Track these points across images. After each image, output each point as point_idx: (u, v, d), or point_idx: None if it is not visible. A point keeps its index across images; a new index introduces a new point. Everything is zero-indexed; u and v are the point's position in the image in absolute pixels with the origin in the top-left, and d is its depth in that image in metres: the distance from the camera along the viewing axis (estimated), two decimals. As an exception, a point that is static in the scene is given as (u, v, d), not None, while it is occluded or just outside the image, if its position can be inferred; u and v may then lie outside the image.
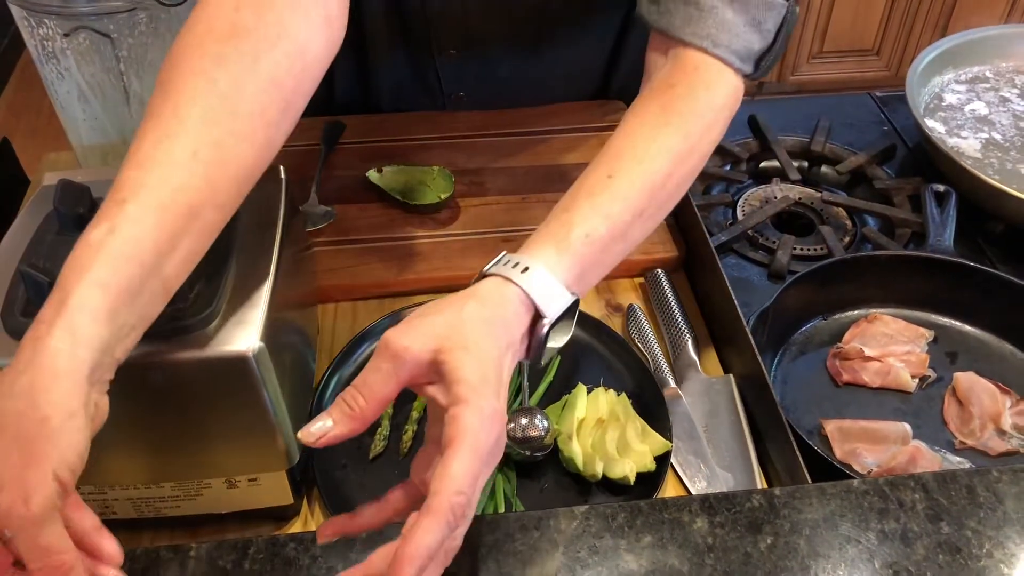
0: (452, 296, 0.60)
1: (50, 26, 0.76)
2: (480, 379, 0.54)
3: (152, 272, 0.55)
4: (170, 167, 0.56)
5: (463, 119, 1.19)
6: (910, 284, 0.97)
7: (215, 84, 0.58)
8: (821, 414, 0.88)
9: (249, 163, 0.62)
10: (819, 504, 0.62)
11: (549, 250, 0.63)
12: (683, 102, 0.70)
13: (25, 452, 0.49)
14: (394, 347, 0.55)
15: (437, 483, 0.51)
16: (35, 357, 0.51)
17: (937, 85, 1.23)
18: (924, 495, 0.62)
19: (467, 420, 0.52)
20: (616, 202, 0.65)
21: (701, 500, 0.62)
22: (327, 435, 0.56)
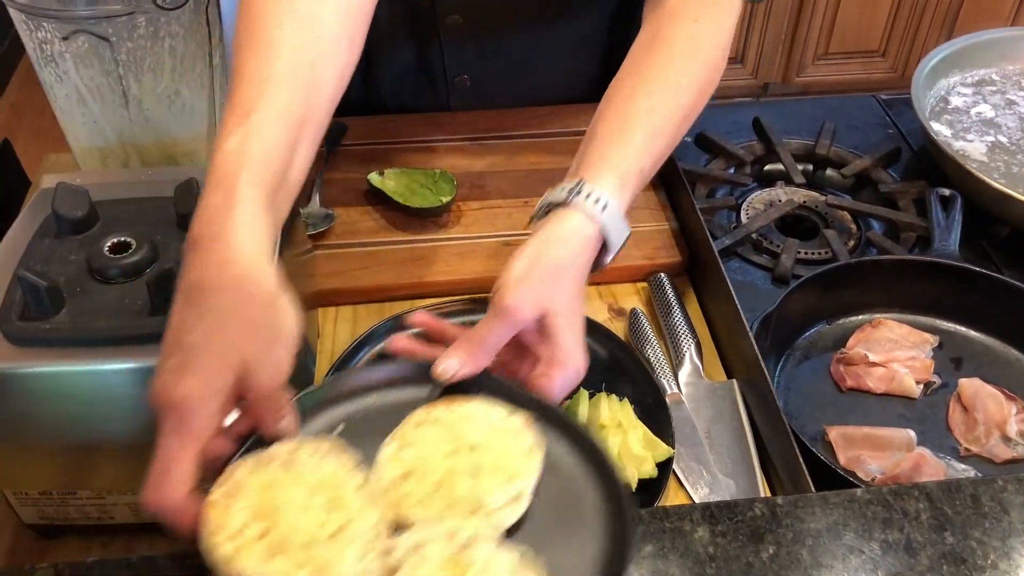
0: (546, 239, 0.68)
1: (48, 29, 0.75)
2: (574, 343, 0.65)
3: (282, 177, 0.62)
4: (277, 83, 0.62)
5: (465, 121, 1.18)
6: (915, 289, 0.96)
7: (296, 13, 0.65)
8: (825, 420, 0.87)
9: (334, 87, 0.68)
10: (822, 513, 0.61)
11: (614, 183, 0.70)
12: (707, 37, 0.77)
13: (266, 332, 0.56)
14: (506, 307, 0.64)
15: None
16: (232, 251, 0.56)
17: (943, 88, 1.22)
18: (928, 504, 0.61)
19: (558, 380, 0.63)
20: (659, 138, 0.73)
21: (703, 509, 0.61)
22: (455, 375, 0.63)
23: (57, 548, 0.76)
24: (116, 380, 0.65)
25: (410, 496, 0.57)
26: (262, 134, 0.60)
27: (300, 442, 0.58)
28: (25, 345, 0.64)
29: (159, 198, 0.74)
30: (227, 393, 0.54)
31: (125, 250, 0.68)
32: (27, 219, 0.74)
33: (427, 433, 0.60)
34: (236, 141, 0.59)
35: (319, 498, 0.55)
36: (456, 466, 0.58)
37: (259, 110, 0.60)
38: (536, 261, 0.66)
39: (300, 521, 0.53)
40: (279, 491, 0.55)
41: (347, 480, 0.56)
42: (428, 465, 0.58)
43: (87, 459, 0.70)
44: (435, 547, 0.53)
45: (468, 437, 0.60)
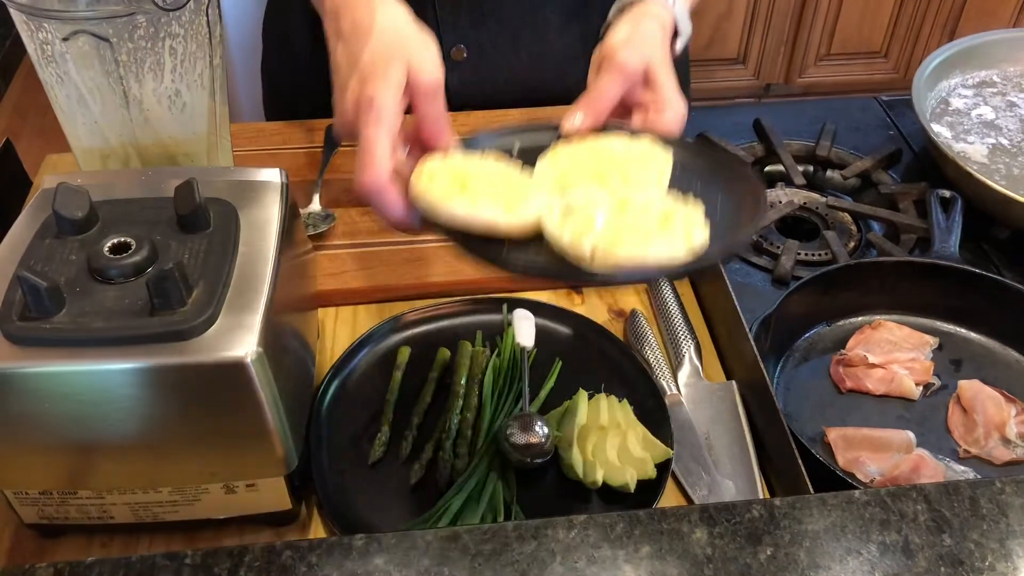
0: (637, 15, 0.80)
1: (49, 30, 0.76)
2: (675, 87, 0.76)
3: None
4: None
5: (466, 122, 1.18)
6: (915, 290, 0.96)
7: None
8: (824, 422, 0.87)
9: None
10: (820, 515, 0.61)
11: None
12: None
13: (418, 42, 0.72)
14: (619, 63, 0.74)
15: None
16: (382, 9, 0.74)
17: (944, 89, 1.22)
18: (926, 506, 0.61)
19: (668, 117, 0.75)
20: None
21: (700, 510, 0.61)
22: (581, 126, 0.74)
23: (57, 547, 0.76)
24: (116, 380, 0.65)
25: (575, 178, 0.69)
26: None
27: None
28: (25, 345, 0.64)
29: (159, 198, 0.74)
30: (403, 86, 0.69)
31: (125, 250, 0.68)
32: (28, 219, 0.74)
33: (574, 149, 0.72)
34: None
35: (502, 174, 0.70)
36: (605, 164, 0.70)
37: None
38: (636, 28, 0.78)
39: (491, 183, 0.68)
40: (470, 168, 0.69)
41: (518, 172, 0.70)
42: (582, 163, 0.70)
43: (87, 459, 0.70)
44: (603, 196, 0.66)
45: (608, 148, 0.71)
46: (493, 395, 0.85)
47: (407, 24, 0.74)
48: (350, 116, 0.71)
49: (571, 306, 0.96)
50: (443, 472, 0.79)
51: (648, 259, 0.61)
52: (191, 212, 0.71)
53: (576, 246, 0.61)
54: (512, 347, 0.89)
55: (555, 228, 0.63)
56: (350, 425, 0.84)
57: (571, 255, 0.62)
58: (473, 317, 0.94)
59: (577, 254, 0.61)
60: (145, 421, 0.67)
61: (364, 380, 0.88)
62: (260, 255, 0.72)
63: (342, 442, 0.83)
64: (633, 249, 0.60)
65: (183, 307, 0.66)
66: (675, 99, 0.75)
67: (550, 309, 0.93)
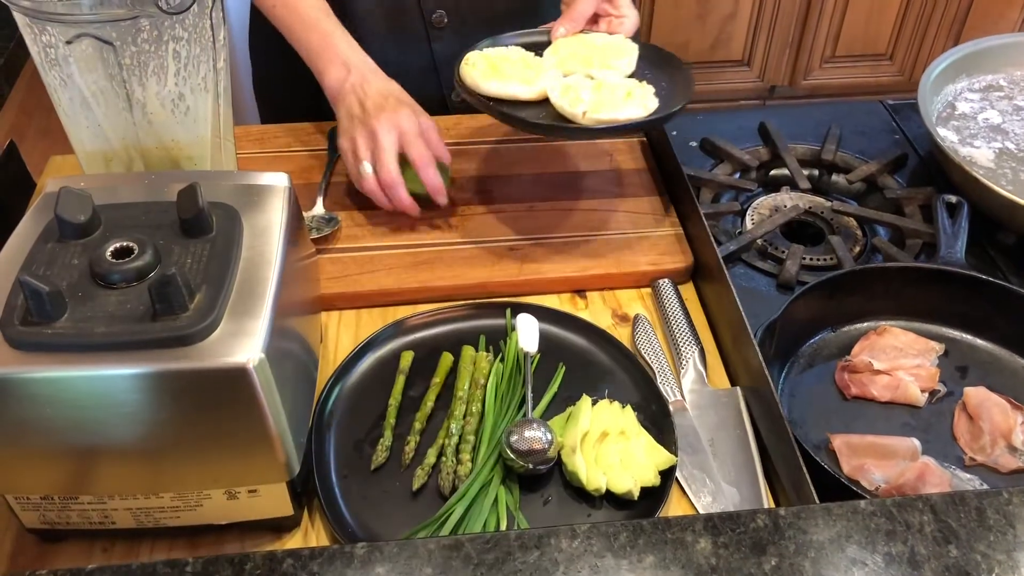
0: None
1: (52, 33, 0.75)
2: (629, 2, 1.07)
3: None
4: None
5: (470, 125, 1.18)
6: (921, 296, 0.95)
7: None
8: (829, 428, 0.86)
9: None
10: (825, 525, 0.61)
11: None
12: None
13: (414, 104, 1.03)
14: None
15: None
16: (354, 63, 1.03)
17: (950, 93, 1.21)
18: (932, 517, 0.61)
19: (626, 27, 1.05)
20: None
21: (705, 520, 0.61)
22: (566, 33, 1.04)
23: (58, 552, 0.76)
24: (118, 385, 0.65)
25: (570, 63, 1.00)
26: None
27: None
28: (27, 350, 0.64)
29: (162, 202, 0.74)
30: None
31: (127, 255, 0.68)
32: (30, 223, 0.74)
33: (569, 42, 1.04)
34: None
35: (521, 60, 0.99)
36: (589, 52, 1.01)
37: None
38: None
39: (514, 66, 0.98)
40: (498, 57, 0.99)
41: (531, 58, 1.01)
42: (574, 52, 1.01)
43: (89, 464, 0.70)
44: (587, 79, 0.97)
45: (593, 41, 1.03)
46: (496, 400, 0.85)
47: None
48: (376, 124, 0.98)
49: (575, 311, 0.95)
50: (446, 478, 0.79)
51: (619, 117, 0.91)
52: (194, 216, 0.70)
53: (572, 111, 0.92)
54: (515, 352, 0.88)
55: (558, 99, 0.93)
56: (353, 430, 0.84)
57: (568, 116, 0.92)
58: (476, 321, 0.93)
59: (572, 115, 0.92)
60: (147, 426, 0.67)
61: (367, 384, 0.88)
62: (263, 260, 0.72)
63: (344, 447, 0.82)
64: (609, 112, 0.91)
65: (185, 312, 0.65)
66: (629, 12, 1.05)
67: (554, 314, 0.93)
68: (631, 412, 0.83)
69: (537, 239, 1.02)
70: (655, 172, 1.12)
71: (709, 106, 2.58)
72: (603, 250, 1.01)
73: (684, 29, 2.49)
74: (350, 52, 1.03)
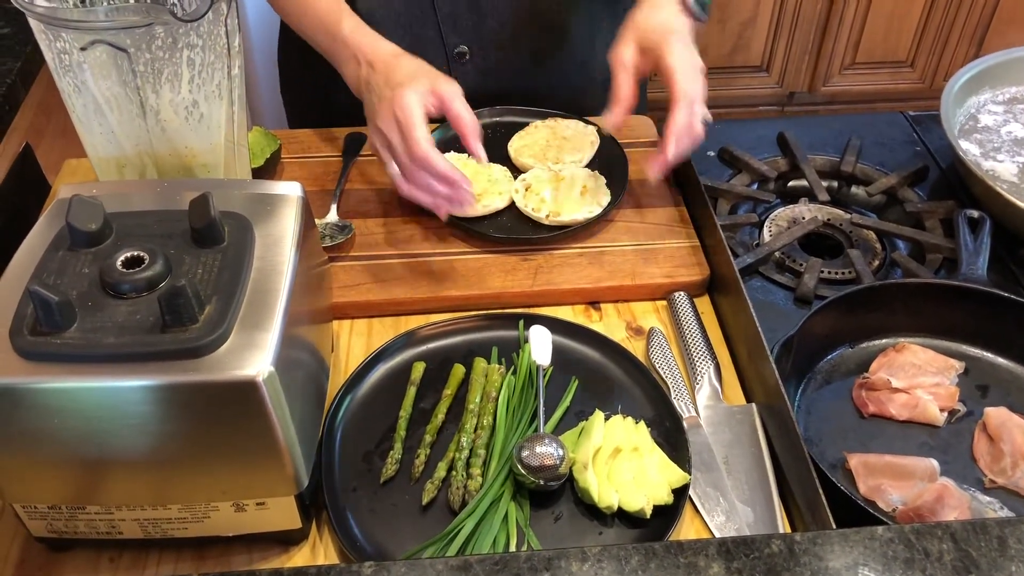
0: (628, 14, 0.99)
1: (67, 39, 0.75)
2: (665, 33, 0.97)
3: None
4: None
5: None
6: (941, 313, 0.94)
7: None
8: (845, 447, 0.85)
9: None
10: (841, 551, 0.60)
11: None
12: None
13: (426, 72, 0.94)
14: (617, 61, 0.97)
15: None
16: (365, 53, 0.98)
17: (973, 106, 1.19)
18: (952, 545, 0.60)
19: (671, 59, 0.95)
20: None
21: (719, 544, 0.60)
22: (616, 122, 0.97)
23: (65, 561, 0.75)
24: (126, 397, 0.64)
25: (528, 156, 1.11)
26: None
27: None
28: (36, 360, 0.64)
29: (174, 211, 0.73)
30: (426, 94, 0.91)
31: (138, 264, 0.67)
32: (42, 230, 0.73)
33: (530, 134, 1.14)
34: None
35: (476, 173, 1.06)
36: (553, 148, 1.11)
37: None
38: (625, 24, 0.98)
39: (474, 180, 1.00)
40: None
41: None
42: (537, 144, 1.12)
43: (97, 474, 0.69)
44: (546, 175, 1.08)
45: (560, 132, 1.13)
46: (508, 414, 0.84)
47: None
48: (393, 111, 0.90)
49: (589, 323, 0.94)
50: (455, 493, 0.78)
51: (578, 219, 1.02)
52: (206, 226, 0.70)
53: (537, 216, 1.02)
54: (528, 364, 0.87)
55: (521, 202, 1.04)
56: (362, 442, 0.83)
57: (533, 217, 1.03)
58: (489, 333, 0.92)
59: (537, 218, 1.02)
60: (155, 438, 0.67)
61: (377, 395, 0.87)
62: (275, 271, 0.71)
63: (354, 459, 0.82)
64: (568, 214, 1.02)
65: (195, 324, 0.65)
66: (668, 47, 0.95)
67: (567, 326, 0.92)
68: (644, 428, 0.81)
69: (551, 250, 1.01)
70: (671, 182, 1.11)
71: (727, 112, 2.57)
72: (618, 262, 0.99)
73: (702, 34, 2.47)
74: (360, 42, 0.98)
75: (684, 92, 0.92)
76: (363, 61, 0.96)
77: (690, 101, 0.93)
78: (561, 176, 1.06)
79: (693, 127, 0.94)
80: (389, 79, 0.92)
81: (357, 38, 0.98)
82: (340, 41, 0.99)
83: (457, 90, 0.92)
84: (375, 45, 0.98)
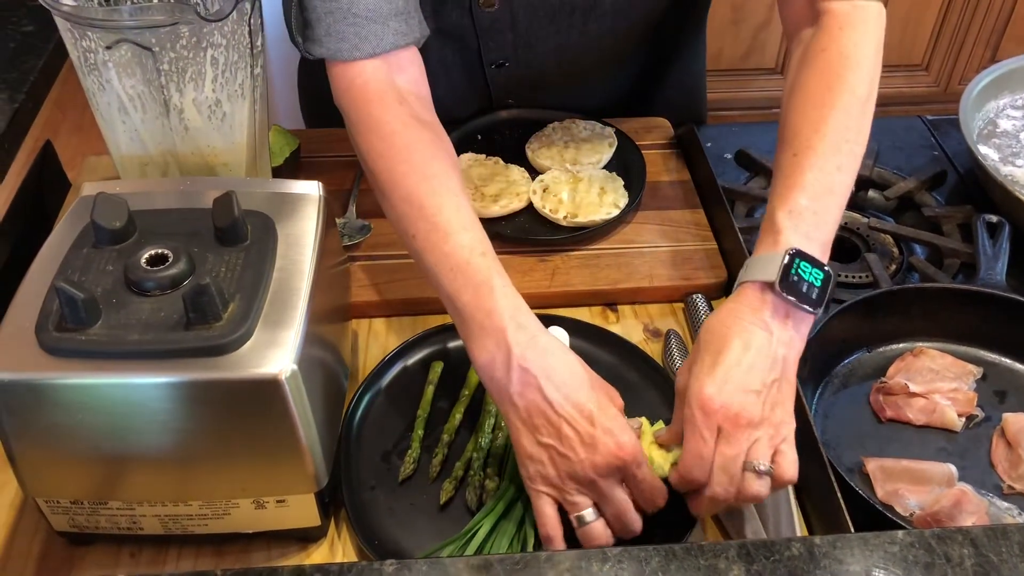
0: (734, 339, 0.71)
1: (93, 38, 0.76)
2: (697, 373, 0.71)
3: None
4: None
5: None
6: (959, 318, 0.94)
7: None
8: (863, 451, 0.85)
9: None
10: (861, 555, 0.60)
11: (777, 237, 0.75)
12: (843, 69, 0.85)
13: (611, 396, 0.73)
14: (679, 391, 0.73)
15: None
16: (549, 344, 0.72)
17: (992, 110, 1.19)
18: (973, 551, 0.60)
19: (686, 413, 0.70)
20: (807, 172, 0.77)
21: (739, 547, 0.60)
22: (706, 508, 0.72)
23: (86, 556, 0.76)
24: (150, 394, 0.65)
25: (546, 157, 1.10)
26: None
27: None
28: (61, 356, 0.64)
29: (197, 209, 0.74)
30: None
31: (162, 262, 0.68)
32: (66, 227, 0.74)
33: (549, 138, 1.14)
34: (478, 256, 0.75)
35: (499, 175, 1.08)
36: (571, 149, 1.11)
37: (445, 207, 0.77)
38: (698, 340, 0.75)
39: (494, 184, 1.06)
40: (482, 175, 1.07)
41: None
42: (555, 146, 1.12)
43: (119, 470, 0.70)
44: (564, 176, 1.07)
45: (578, 134, 1.14)
46: (525, 414, 0.84)
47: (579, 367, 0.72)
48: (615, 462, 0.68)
49: (606, 324, 0.95)
50: (473, 492, 0.78)
51: (596, 219, 1.01)
52: (229, 225, 0.70)
53: (555, 217, 1.02)
54: (546, 365, 0.87)
55: (539, 203, 1.03)
56: (381, 441, 0.83)
57: (550, 219, 1.03)
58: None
59: (555, 219, 1.02)
60: (177, 435, 0.67)
61: (396, 395, 0.87)
62: (297, 269, 0.71)
63: (372, 458, 0.82)
64: (586, 215, 1.02)
65: (218, 322, 0.65)
66: (689, 398, 0.70)
67: (584, 327, 0.92)
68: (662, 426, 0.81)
69: (568, 251, 1.01)
70: (689, 184, 1.11)
71: (743, 115, 2.56)
72: (635, 263, 1.00)
73: (717, 37, 2.47)
74: (510, 319, 0.71)
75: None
76: (513, 353, 0.70)
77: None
78: (579, 177, 1.06)
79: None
80: (593, 420, 0.69)
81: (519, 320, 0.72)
82: (485, 310, 0.72)
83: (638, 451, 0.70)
84: (528, 326, 0.72)
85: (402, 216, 0.79)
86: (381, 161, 0.80)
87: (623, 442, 0.68)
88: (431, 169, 0.78)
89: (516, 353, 0.70)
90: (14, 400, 0.65)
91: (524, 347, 0.70)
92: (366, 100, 0.81)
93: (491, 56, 1.09)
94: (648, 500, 0.71)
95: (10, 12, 1.20)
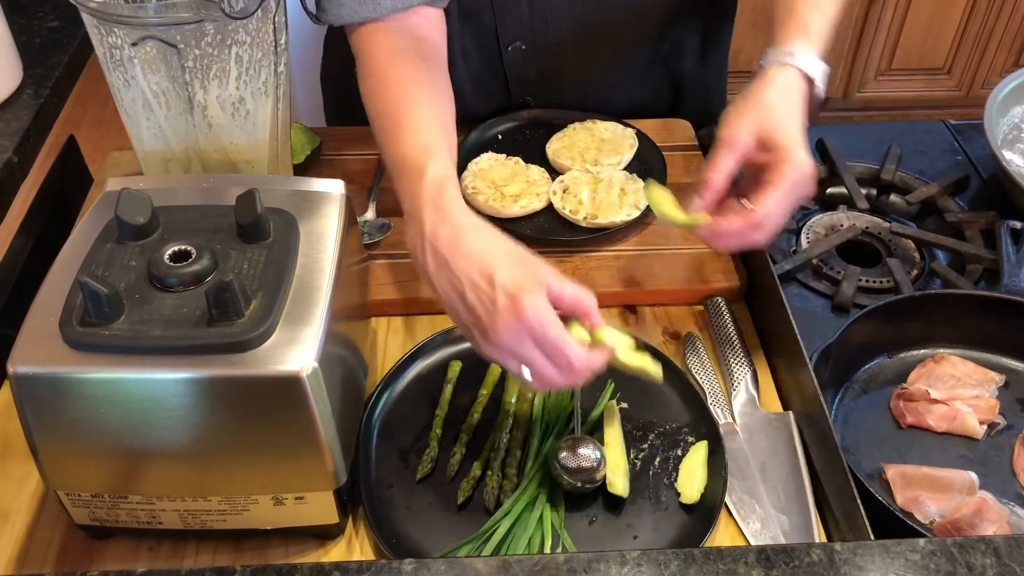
0: (755, 88, 0.84)
1: (119, 35, 0.76)
2: (795, 141, 0.80)
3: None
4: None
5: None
6: (981, 325, 0.93)
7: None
8: (883, 457, 0.84)
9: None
10: (882, 562, 0.59)
11: (800, 40, 0.86)
12: None
13: (529, 266, 0.71)
14: (723, 136, 0.82)
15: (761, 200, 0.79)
16: (465, 221, 0.74)
17: (1016, 115, 1.18)
18: (995, 560, 0.59)
19: (786, 172, 0.79)
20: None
21: (758, 551, 0.60)
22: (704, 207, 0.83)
23: (105, 549, 0.76)
24: (172, 389, 0.65)
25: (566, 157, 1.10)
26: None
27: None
28: (84, 350, 0.65)
29: (220, 206, 0.74)
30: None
31: (185, 259, 0.68)
32: (90, 222, 0.74)
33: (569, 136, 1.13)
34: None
35: (517, 176, 1.07)
36: (592, 149, 1.11)
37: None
38: (753, 100, 0.83)
39: (513, 185, 1.06)
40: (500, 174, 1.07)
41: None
42: (575, 146, 1.11)
43: (140, 465, 0.70)
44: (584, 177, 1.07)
45: (599, 134, 1.13)
46: (544, 415, 0.84)
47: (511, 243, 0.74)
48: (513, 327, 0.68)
49: (624, 326, 0.94)
50: (490, 492, 0.78)
51: (616, 220, 1.01)
52: (252, 222, 0.71)
53: (575, 218, 1.02)
54: (564, 366, 0.87)
55: (559, 204, 1.03)
56: (399, 439, 0.83)
57: (572, 220, 1.03)
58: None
59: (575, 220, 1.02)
60: (198, 430, 0.68)
61: (414, 393, 0.87)
62: (318, 267, 0.71)
63: (390, 456, 0.82)
64: (605, 216, 1.02)
65: (241, 319, 0.65)
66: (791, 152, 0.80)
67: (604, 329, 0.92)
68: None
69: (588, 252, 1.01)
70: (709, 187, 1.11)
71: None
72: (655, 266, 0.99)
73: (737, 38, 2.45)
74: (429, 202, 0.75)
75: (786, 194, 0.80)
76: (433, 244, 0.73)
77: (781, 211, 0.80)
78: (599, 178, 1.06)
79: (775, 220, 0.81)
80: (493, 282, 0.69)
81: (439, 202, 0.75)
82: (411, 195, 0.77)
83: (552, 272, 0.72)
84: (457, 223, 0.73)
85: (378, 130, 0.85)
86: (376, 98, 0.86)
87: (523, 304, 0.67)
88: (414, 93, 0.84)
89: (428, 231, 0.73)
90: (37, 393, 0.65)
91: (436, 225, 0.73)
92: (381, 53, 0.87)
93: (507, 35, 1.10)
94: (564, 366, 0.69)
95: (36, 7, 1.20)
